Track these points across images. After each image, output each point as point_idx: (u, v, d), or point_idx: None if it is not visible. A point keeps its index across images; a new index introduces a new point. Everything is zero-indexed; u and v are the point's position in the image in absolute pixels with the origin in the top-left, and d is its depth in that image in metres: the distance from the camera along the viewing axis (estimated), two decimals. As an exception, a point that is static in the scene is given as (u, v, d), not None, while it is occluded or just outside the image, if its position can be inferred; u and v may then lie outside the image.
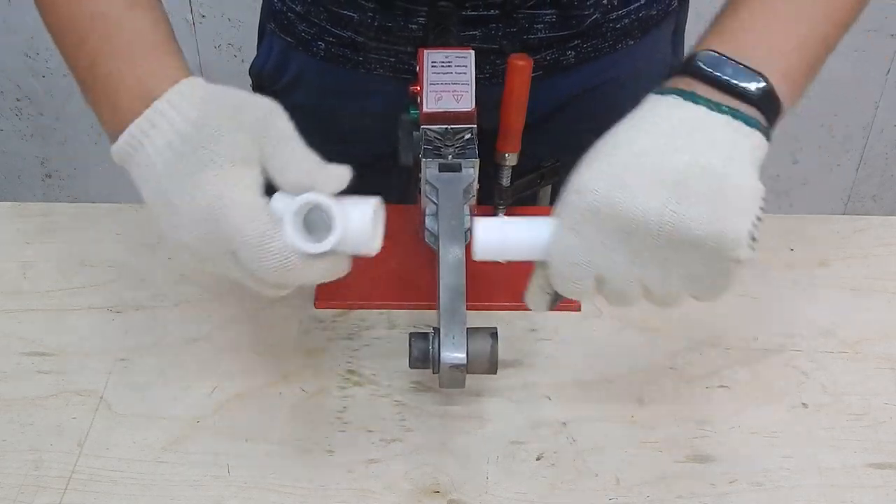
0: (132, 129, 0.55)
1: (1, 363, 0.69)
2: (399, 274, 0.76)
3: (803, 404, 0.67)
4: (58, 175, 1.92)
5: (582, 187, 0.51)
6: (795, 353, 0.70)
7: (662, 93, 0.54)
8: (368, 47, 0.80)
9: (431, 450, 0.64)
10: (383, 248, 0.77)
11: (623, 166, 0.51)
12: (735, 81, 0.52)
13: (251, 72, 0.90)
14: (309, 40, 0.82)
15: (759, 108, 0.52)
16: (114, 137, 0.56)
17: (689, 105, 0.52)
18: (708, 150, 0.50)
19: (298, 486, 0.62)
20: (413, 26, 0.77)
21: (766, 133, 0.52)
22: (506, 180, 0.76)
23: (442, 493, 0.61)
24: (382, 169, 0.87)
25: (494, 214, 0.79)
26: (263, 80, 0.89)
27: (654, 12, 0.82)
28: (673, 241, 0.50)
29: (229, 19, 1.63)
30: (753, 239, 0.50)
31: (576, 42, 0.80)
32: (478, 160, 0.67)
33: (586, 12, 0.78)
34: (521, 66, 0.68)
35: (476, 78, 0.68)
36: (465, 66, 0.68)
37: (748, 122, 0.52)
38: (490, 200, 0.77)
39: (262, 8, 0.88)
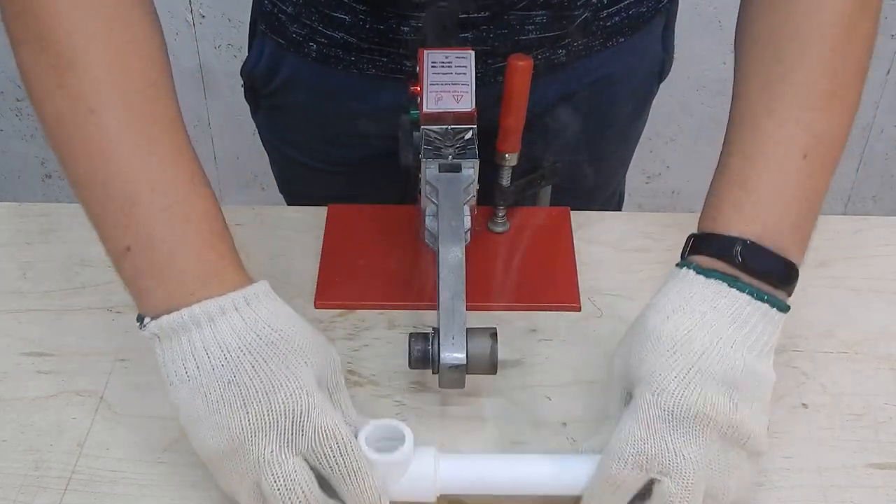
0: (209, 304, 0.53)
1: (1, 363, 0.69)
2: (399, 274, 0.76)
3: (803, 404, 0.67)
4: (58, 175, 1.92)
5: (658, 389, 0.54)
6: (795, 354, 0.70)
7: (706, 274, 0.57)
8: (361, 48, 0.80)
9: (431, 450, 0.64)
10: (383, 248, 0.78)
11: (691, 369, 0.54)
12: (773, 274, 0.57)
13: (243, 73, 0.90)
14: (300, 41, 0.81)
15: (788, 290, 0.58)
16: (162, 306, 0.54)
17: (734, 293, 0.56)
18: (752, 345, 0.56)
19: (298, 486, 0.62)
20: (405, 28, 0.77)
21: (787, 308, 0.58)
22: (506, 180, 0.76)
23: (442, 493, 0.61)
24: (380, 168, 0.87)
25: (495, 214, 0.79)
26: (255, 82, 0.89)
27: (644, 9, 0.83)
28: (732, 442, 0.54)
29: (229, 19, 1.63)
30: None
31: (567, 41, 0.80)
32: (478, 160, 0.67)
33: (577, 12, 0.78)
34: (521, 67, 0.68)
35: None
36: (465, 67, 0.68)
37: (780, 307, 0.57)
38: (490, 200, 0.77)
39: (252, 9, 0.88)
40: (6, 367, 0.69)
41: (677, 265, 0.60)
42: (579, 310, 0.74)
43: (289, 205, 0.98)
